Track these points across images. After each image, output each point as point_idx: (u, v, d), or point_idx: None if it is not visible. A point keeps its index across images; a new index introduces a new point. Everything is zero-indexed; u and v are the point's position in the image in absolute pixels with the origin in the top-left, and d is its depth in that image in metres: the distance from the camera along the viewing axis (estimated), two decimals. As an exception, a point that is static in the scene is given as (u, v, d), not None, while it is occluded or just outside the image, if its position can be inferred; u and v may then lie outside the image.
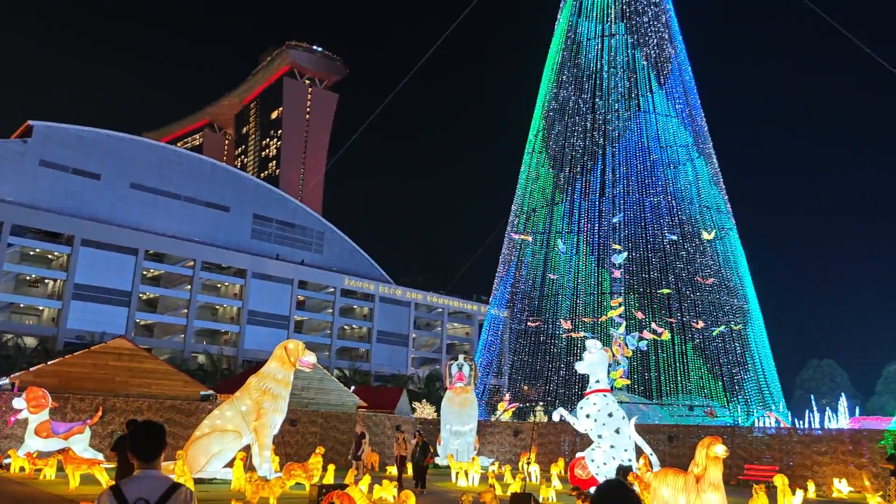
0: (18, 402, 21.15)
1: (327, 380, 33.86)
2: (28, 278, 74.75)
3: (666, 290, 41.73)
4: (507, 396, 41.01)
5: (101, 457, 19.99)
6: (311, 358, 20.75)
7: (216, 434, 19.32)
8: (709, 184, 45.65)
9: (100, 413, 21.78)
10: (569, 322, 41.94)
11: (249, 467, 18.64)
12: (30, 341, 65.57)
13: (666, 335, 37.46)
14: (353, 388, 40.75)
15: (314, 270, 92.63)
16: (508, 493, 15.91)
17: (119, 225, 77.42)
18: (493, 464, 27.66)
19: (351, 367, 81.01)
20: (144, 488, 3.75)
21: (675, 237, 43.07)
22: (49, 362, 27.36)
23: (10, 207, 70.29)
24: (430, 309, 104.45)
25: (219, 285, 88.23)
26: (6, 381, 26.70)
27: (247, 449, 19.54)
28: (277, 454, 21.51)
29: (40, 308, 75.36)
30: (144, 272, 79.58)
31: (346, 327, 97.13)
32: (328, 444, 26.18)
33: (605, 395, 20.05)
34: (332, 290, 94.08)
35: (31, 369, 26.45)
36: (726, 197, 46.74)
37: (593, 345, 20.58)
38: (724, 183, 47.16)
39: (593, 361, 20.23)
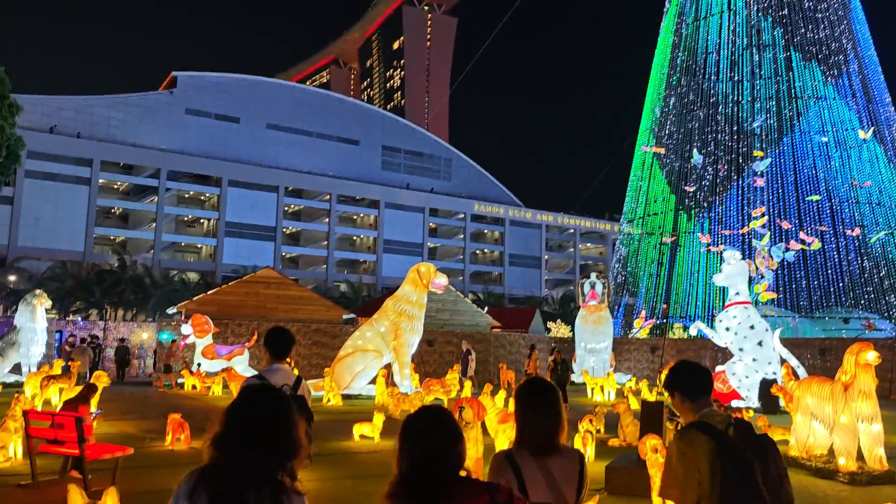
0: (186, 328, 23.37)
1: (461, 301, 34.70)
2: (186, 219, 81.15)
3: (815, 197, 38.85)
4: (643, 313, 40.33)
5: (259, 376, 21.79)
6: (442, 280, 21.28)
7: (359, 354, 20.50)
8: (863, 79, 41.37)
9: (255, 336, 23.64)
10: (707, 236, 40.19)
11: (391, 383, 19.68)
12: (193, 276, 71.65)
13: (816, 244, 35.07)
14: (486, 309, 41.55)
15: (444, 197, 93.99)
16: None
17: (260, 164, 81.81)
18: (630, 380, 27.56)
19: (484, 290, 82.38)
20: (282, 377, 4.45)
21: (825, 139, 39.72)
22: (208, 292, 29.90)
23: (165, 155, 76.06)
24: (561, 230, 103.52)
25: (354, 217, 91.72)
26: (174, 310, 29.51)
27: (388, 367, 20.59)
28: (417, 371, 22.51)
29: (199, 246, 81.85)
30: (286, 208, 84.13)
31: (477, 252, 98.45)
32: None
33: (745, 308, 19.28)
34: (463, 216, 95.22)
35: (193, 299, 29.07)
36: (885, 88, 42.27)
37: (731, 256, 19.70)
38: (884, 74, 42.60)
39: (732, 273, 19.41)
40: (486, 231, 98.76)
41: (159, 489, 8.07)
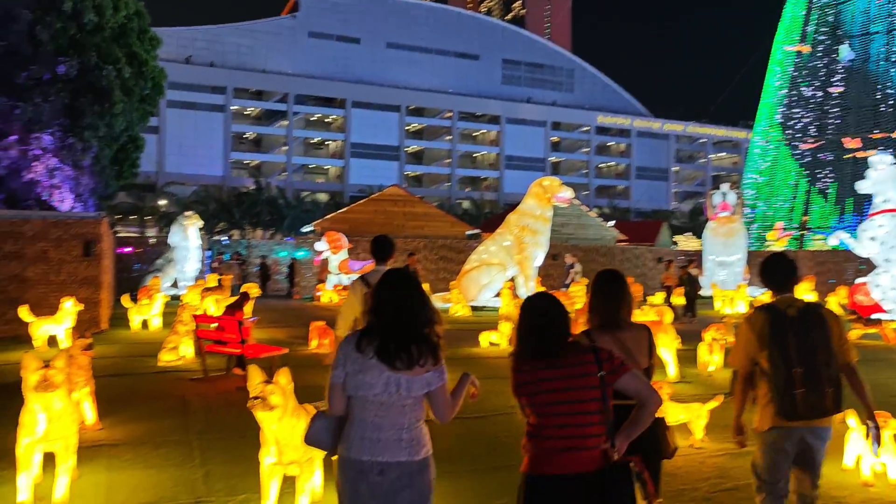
0: (321, 245, 24.75)
1: (585, 216, 34.40)
2: (313, 142, 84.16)
3: None
4: (779, 224, 38.32)
5: (390, 289, 22.91)
6: (567, 193, 21.19)
7: (484, 267, 21.06)
8: None
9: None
10: (856, 140, 37.19)
11: (516, 295, 20.14)
12: (322, 197, 74.89)
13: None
14: (611, 223, 40.95)
15: (567, 110, 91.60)
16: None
17: (381, 84, 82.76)
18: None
19: (609, 204, 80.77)
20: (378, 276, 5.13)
21: None
22: (339, 211, 31.35)
23: (291, 79, 78.53)
24: (691, 140, 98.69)
25: (475, 134, 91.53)
26: (310, 227, 31.24)
27: (514, 279, 21.05)
28: (543, 285, 22.85)
29: (326, 167, 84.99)
30: (407, 127, 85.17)
31: (602, 165, 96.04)
32: (590, 276, 27.08)
33: (893, 216, 18.00)
34: (587, 128, 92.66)
35: (327, 217, 30.61)
36: None
37: (879, 160, 18.29)
38: None
39: (880, 179, 18.08)
40: (611, 143, 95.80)
41: (308, 385, 8.93)
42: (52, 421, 4.56)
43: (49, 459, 4.92)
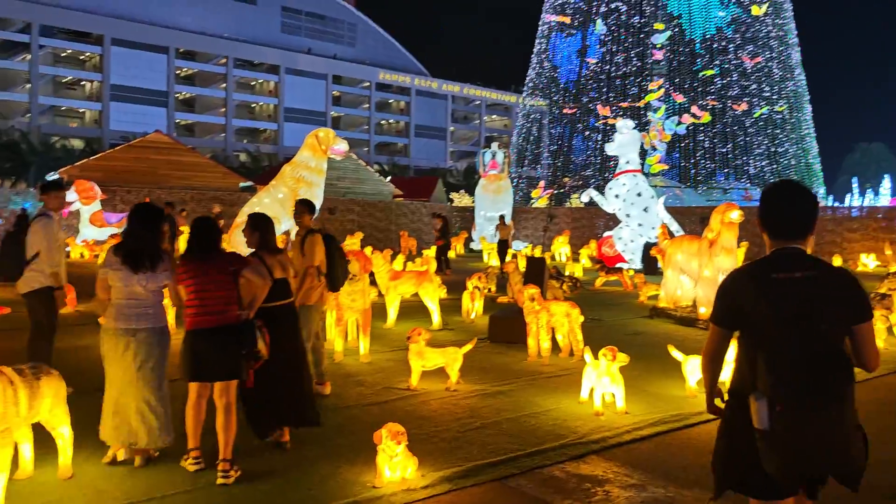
0: (70, 195, 22.17)
1: (362, 170, 34.40)
2: (65, 80, 74.88)
3: (710, 72, 39.95)
4: (542, 184, 41.36)
5: (152, 243, 21.24)
6: (342, 146, 20.82)
7: (256, 220, 20.21)
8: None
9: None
10: (606, 108, 40.91)
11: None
12: (77, 143, 67.16)
13: (706, 118, 36.41)
14: (388, 178, 41.47)
15: (348, 64, 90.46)
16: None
17: (148, 22, 75.46)
18: (526, 247, 28.66)
19: (389, 161, 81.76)
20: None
21: (722, 14, 40.36)
22: (93, 157, 28.27)
23: (35, 6, 68.72)
24: (467, 101, 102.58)
25: (253, 83, 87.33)
26: (56, 175, 27.85)
27: (287, 234, 20.44)
28: (317, 239, 22.49)
29: (81, 110, 76.24)
30: (178, 71, 78.88)
31: (383, 122, 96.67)
32: (366, 230, 27.27)
33: (634, 176, 20.10)
34: (368, 84, 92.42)
35: (76, 164, 27.43)
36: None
37: (624, 125, 20.26)
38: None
39: (624, 142, 20.04)
40: (391, 101, 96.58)
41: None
42: None
43: None
